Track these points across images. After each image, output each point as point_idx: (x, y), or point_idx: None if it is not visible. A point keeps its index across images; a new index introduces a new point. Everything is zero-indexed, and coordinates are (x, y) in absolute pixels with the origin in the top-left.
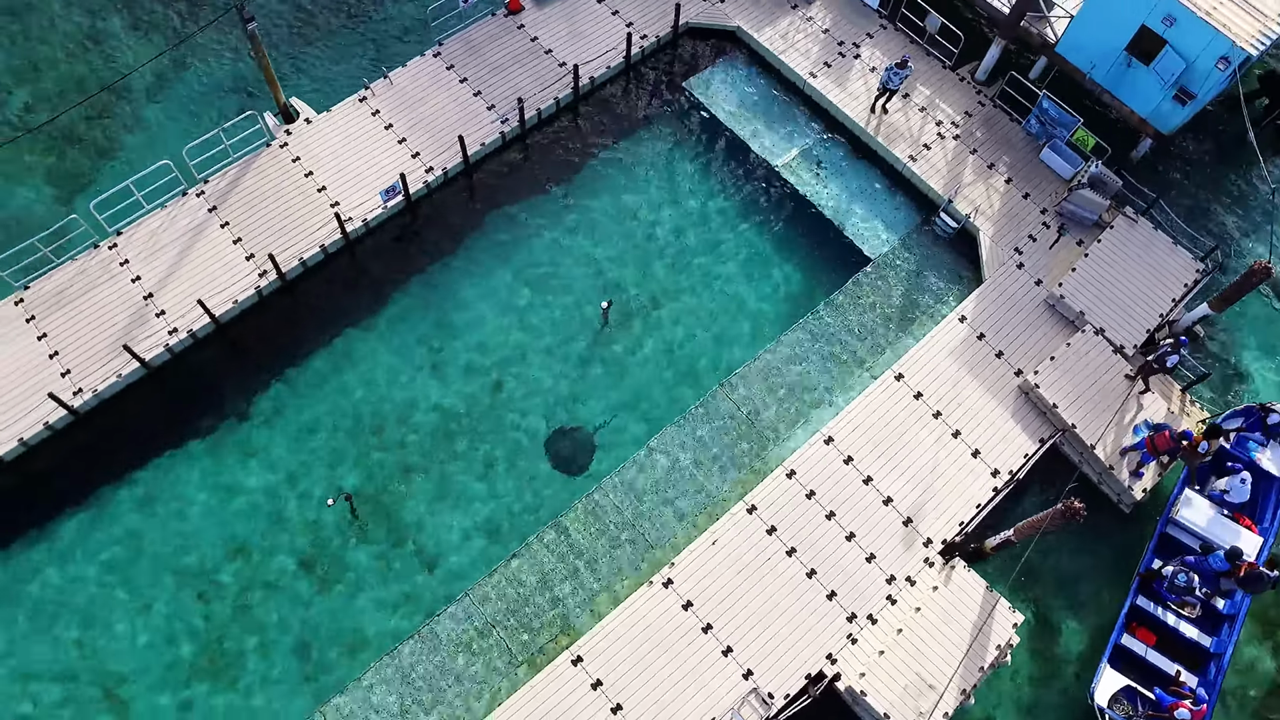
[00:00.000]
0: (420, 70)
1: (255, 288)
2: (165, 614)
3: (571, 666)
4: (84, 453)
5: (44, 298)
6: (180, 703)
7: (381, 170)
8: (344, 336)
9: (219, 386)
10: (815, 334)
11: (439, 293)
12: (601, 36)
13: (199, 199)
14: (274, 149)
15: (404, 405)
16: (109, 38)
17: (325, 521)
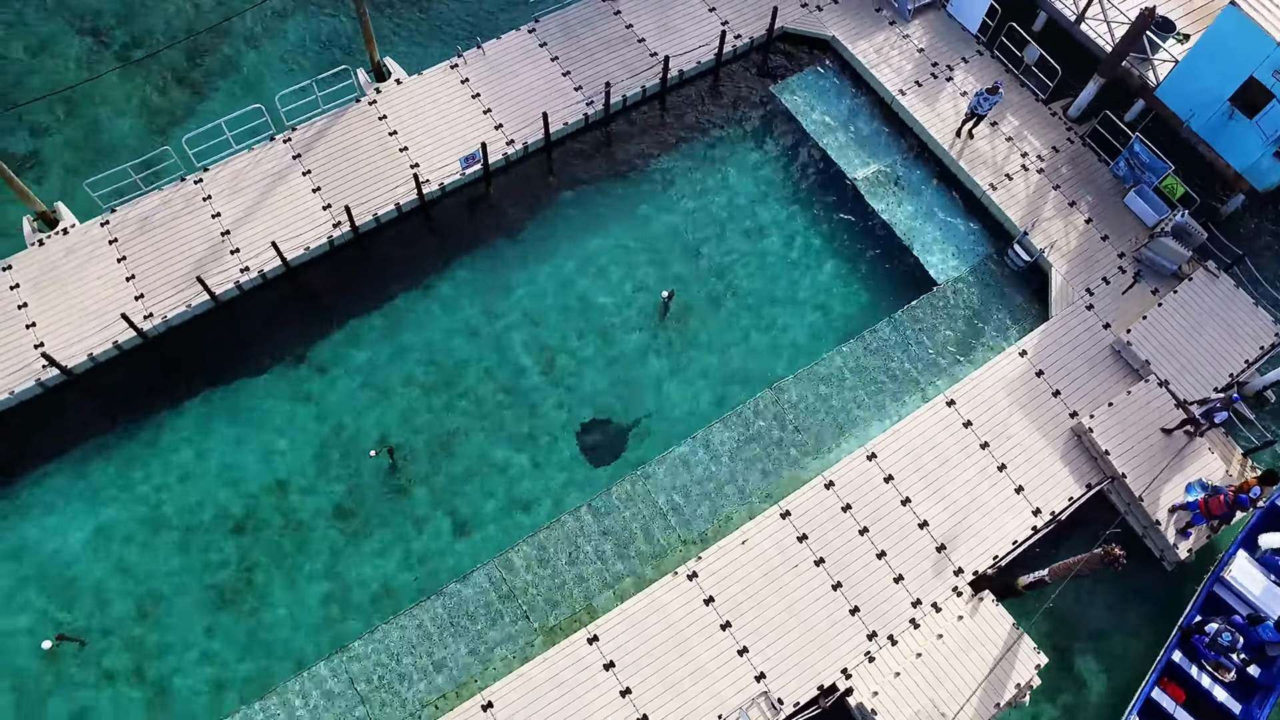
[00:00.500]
0: (513, 44)
1: (328, 237)
2: (202, 542)
3: (587, 644)
4: (147, 376)
5: (128, 223)
6: (206, 627)
7: (464, 137)
8: (407, 295)
9: (281, 329)
10: (871, 350)
11: (505, 264)
12: (696, 32)
13: (285, 145)
14: (362, 105)
15: (456, 369)
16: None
17: (366, 472)
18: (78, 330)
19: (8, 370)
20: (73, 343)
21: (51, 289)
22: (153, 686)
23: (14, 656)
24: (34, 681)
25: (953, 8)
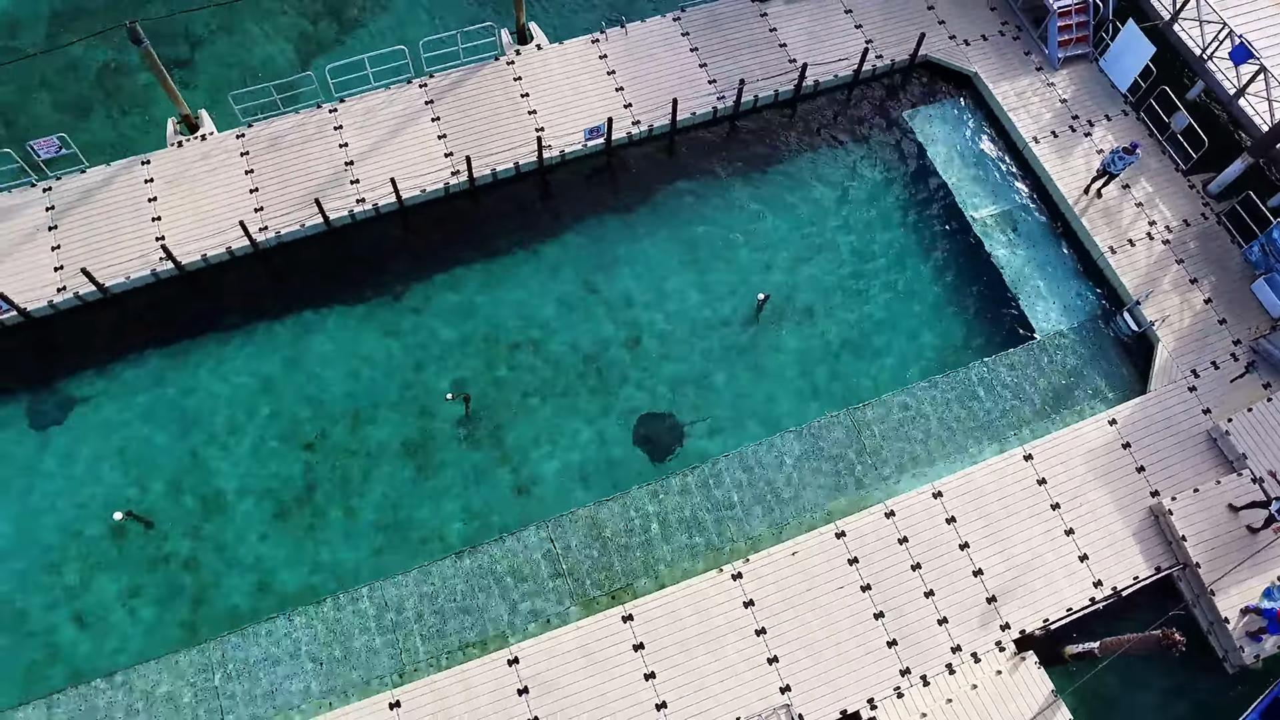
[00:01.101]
0: (656, 29)
1: (444, 184)
2: (274, 451)
3: (621, 622)
4: (251, 284)
5: (261, 139)
6: (261, 533)
7: (592, 111)
8: (510, 254)
9: (385, 263)
10: (959, 389)
11: (610, 239)
12: (839, 45)
13: (420, 90)
14: (500, 64)
15: (544, 333)
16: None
17: (439, 415)
18: (197, 230)
19: (128, 256)
20: (190, 241)
21: (181, 189)
22: (201, 578)
23: (87, 522)
24: (97, 548)
25: (1105, 63)
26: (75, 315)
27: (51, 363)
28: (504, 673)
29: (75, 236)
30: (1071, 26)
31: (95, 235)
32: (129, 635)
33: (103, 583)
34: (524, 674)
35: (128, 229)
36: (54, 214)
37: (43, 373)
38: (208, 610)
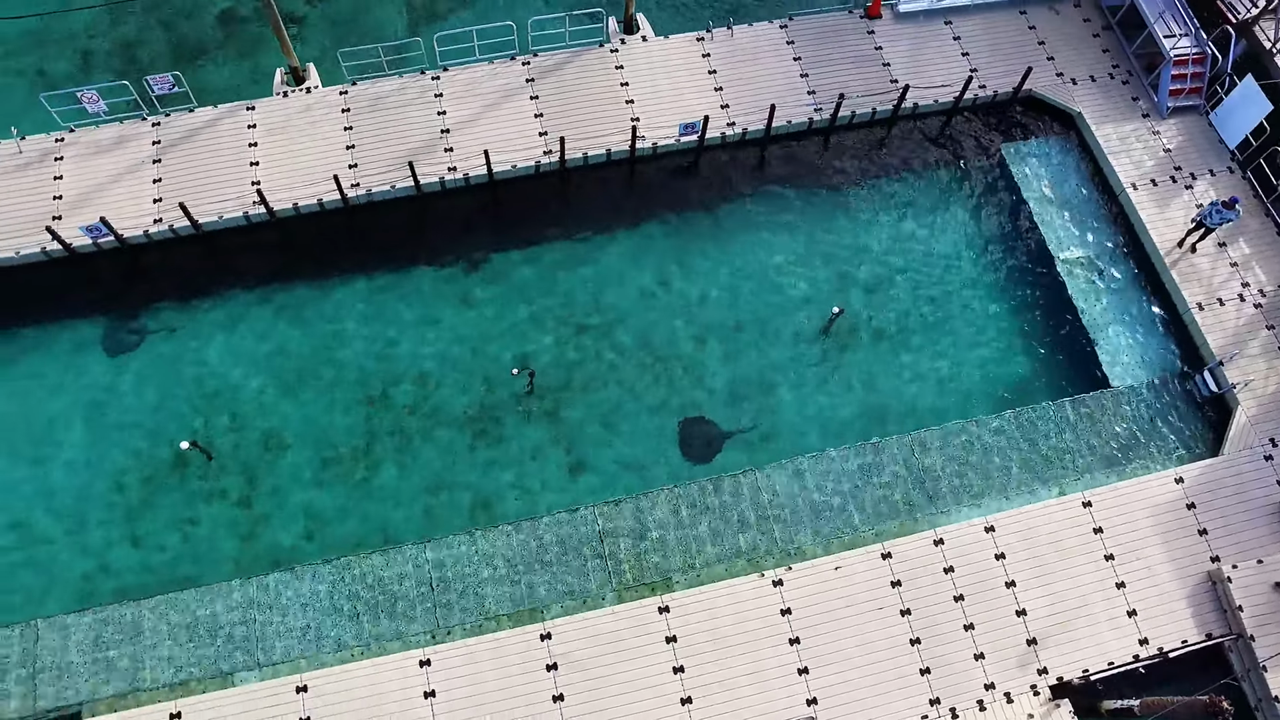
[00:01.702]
0: (762, 34)
1: (536, 162)
2: (338, 402)
3: (657, 613)
4: (336, 238)
5: (364, 98)
6: (316, 479)
7: (689, 107)
8: (591, 238)
9: (467, 232)
10: (1024, 428)
11: (692, 237)
12: (943, 70)
13: (523, 67)
14: (604, 51)
15: (615, 320)
16: None
17: (502, 388)
18: (292, 179)
19: (224, 197)
20: (284, 189)
21: (281, 137)
22: (252, 516)
23: (155, 447)
24: (159, 473)
25: (1216, 117)
26: (167, 247)
27: (137, 290)
28: (536, 647)
29: (176, 172)
30: (1186, 76)
31: (195, 173)
32: (178, 560)
33: (160, 507)
34: (555, 650)
35: (227, 170)
36: (160, 148)
37: (128, 299)
38: (255, 547)
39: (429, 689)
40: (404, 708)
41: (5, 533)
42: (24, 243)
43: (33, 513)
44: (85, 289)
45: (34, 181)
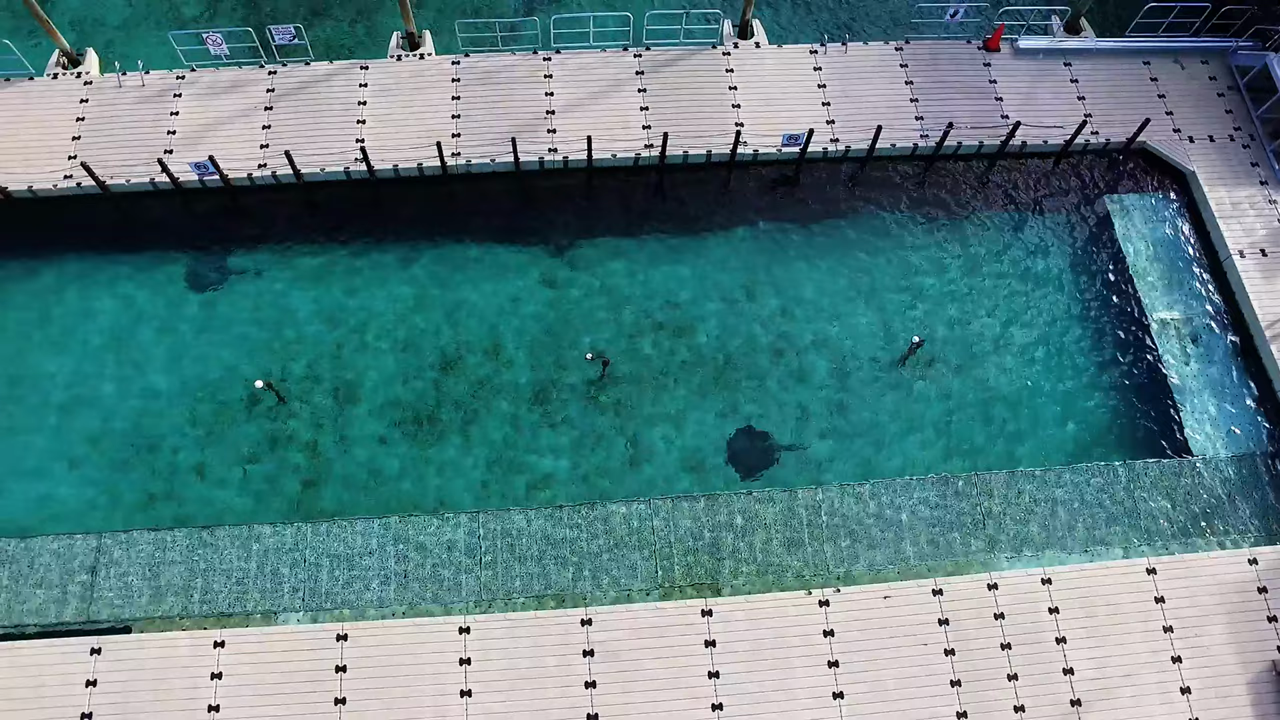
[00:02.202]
0: (876, 54)
1: (636, 154)
2: (413, 365)
3: (699, 615)
4: (431, 203)
5: (475, 70)
6: (380, 436)
7: (794, 118)
8: (681, 235)
9: (556, 214)
10: (1096, 485)
11: (781, 248)
12: (1056, 111)
13: (634, 59)
14: (716, 53)
15: (693, 322)
16: None
17: (574, 371)
18: (396, 141)
19: (329, 150)
20: (387, 150)
21: (390, 100)
22: (316, 463)
23: (230, 383)
24: (232, 409)
25: None
26: (266, 192)
27: (233, 230)
28: (575, 631)
29: (286, 121)
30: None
31: (304, 124)
32: (239, 495)
33: (228, 442)
34: (594, 638)
35: (334, 126)
36: (273, 96)
37: (222, 237)
38: (314, 493)
39: (465, 656)
40: (439, 670)
41: (82, 444)
42: (135, 172)
43: (109, 430)
44: (185, 222)
45: (152, 115)
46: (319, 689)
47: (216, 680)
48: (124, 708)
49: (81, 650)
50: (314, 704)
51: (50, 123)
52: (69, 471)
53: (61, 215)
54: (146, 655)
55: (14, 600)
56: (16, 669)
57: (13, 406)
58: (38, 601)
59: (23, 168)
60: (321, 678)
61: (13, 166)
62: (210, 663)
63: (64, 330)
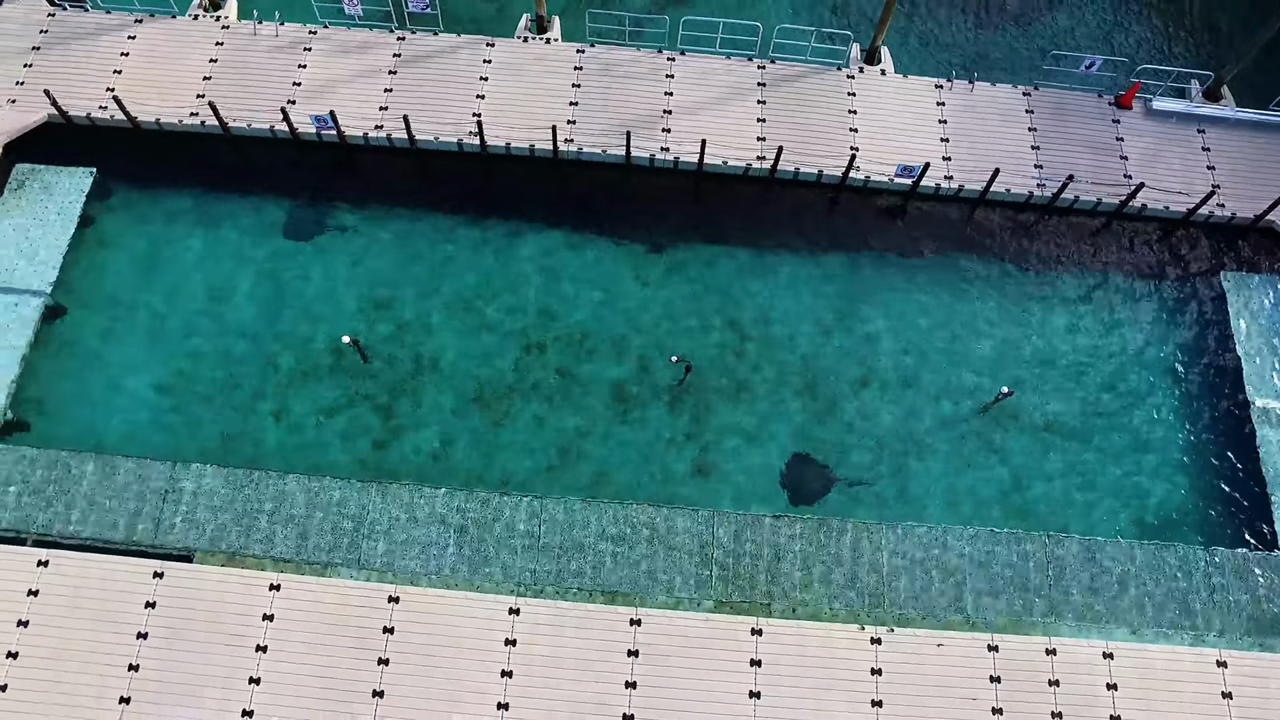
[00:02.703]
0: (1002, 96)
1: (747, 164)
2: (497, 341)
3: (749, 633)
4: (540, 185)
5: (598, 61)
6: (456, 408)
7: (911, 150)
8: (780, 251)
9: (661, 214)
10: (1173, 566)
11: (880, 276)
12: (1183, 176)
13: (757, 70)
14: (841, 75)
15: (781, 339)
16: None
17: (656, 370)
18: (511, 120)
19: (446, 120)
20: (502, 128)
21: (510, 79)
22: (389, 425)
23: (316, 336)
24: (315, 360)
25: None
26: (379, 154)
27: (342, 187)
28: (623, 629)
29: (407, 88)
30: None
31: (424, 93)
32: (310, 446)
33: (308, 392)
34: (641, 639)
35: (454, 97)
36: (398, 62)
37: (330, 192)
38: (383, 454)
39: (511, 637)
40: (484, 647)
41: (168, 373)
42: (258, 118)
43: (196, 363)
44: (297, 172)
45: (281, 65)
46: (365, 646)
47: (268, 622)
48: (177, 634)
49: (145, 572)
50: (358, 660)
51: (185, 61)
52: (154, 396)
53: (182, 150)
54: (205, 586)
55: (89, 513)
56: (85, 579)
57: (112, 326)
58: (110, 518)
59: (154, 101)
60: (369, 636)
61: (145, 99)
62: (264, 604)
63: (168, 260)
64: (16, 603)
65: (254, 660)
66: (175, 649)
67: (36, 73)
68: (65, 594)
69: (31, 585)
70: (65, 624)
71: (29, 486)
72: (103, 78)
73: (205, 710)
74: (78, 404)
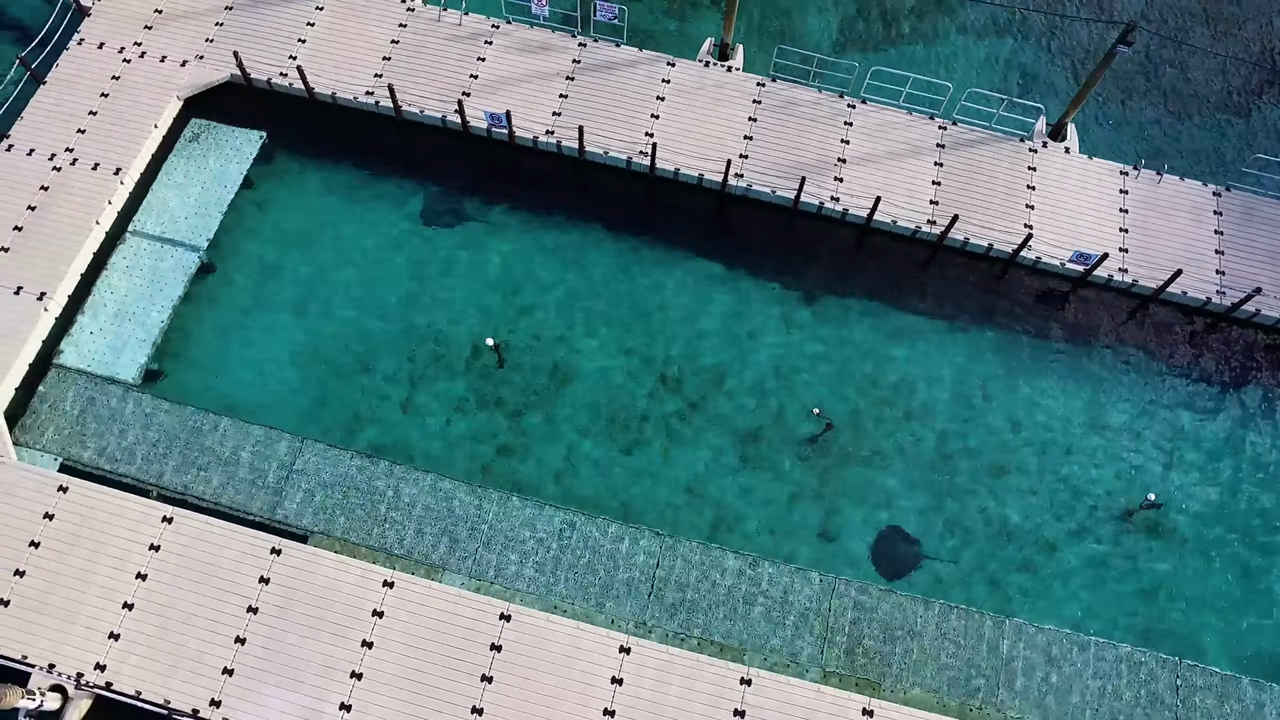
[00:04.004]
0: (1189, 192)
1: (916, 226)
2: (635, 368)
3: (859, 713)
4: (701, 216)
5: (778, 96)
6: (585, 427)
7: (1087, 237)
8: (937, 318)
9: (817, 261)
10: None
11: (1035, 361)
12: None
13: (937, 130)
14: (1023, 147)
15: (923, 409)
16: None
17: (792, 421)
18: (684, 146)
19: (618, 137)
20: (674, 153)
21: (684, 104)
22: (516, 433)
23: (455, 332)
24: (452, 356)
25: None
26: (546, 159)
27: (504, 187)
28: (732, 687)
29: (583, 96)
30: None
31: (598, 104)
32: (434, 441)
33: (440, 387)
34: (749, 699)
35: (628, 113)
36: (577, 68)
37: (493, 191)
38: (506, 462)
39: (619, 675)
40: (590, 682)
41: (307, 348)
42: (431, 105)
43: (332, 341)
44: (462, 166)
45: (460, 55)
46: (469, 660)
47: (377, 618)
48: (284, 613)
49: (264, 547)
50: (461, 673)
51: (366, 38)
52: (288, 366)
53: (349, 125)
54: (319, 571)
55: (212, 475)
56: (204, 543)
57: (258, 291)
58: (234, 484)
59: (331, 73)
60: (475, 650)
61: (322, 70)
62: (375, 599)
63: (319, 233)
64: (139, 555)
65: (358, 655)
66: (283, 629)
67: (226, 32)
68: (184, 554)
69: (154, 540)
70: (181, 584)
71: (161, 439)
72: (287, 45)
73: (303, 695)
74: (215, 363)
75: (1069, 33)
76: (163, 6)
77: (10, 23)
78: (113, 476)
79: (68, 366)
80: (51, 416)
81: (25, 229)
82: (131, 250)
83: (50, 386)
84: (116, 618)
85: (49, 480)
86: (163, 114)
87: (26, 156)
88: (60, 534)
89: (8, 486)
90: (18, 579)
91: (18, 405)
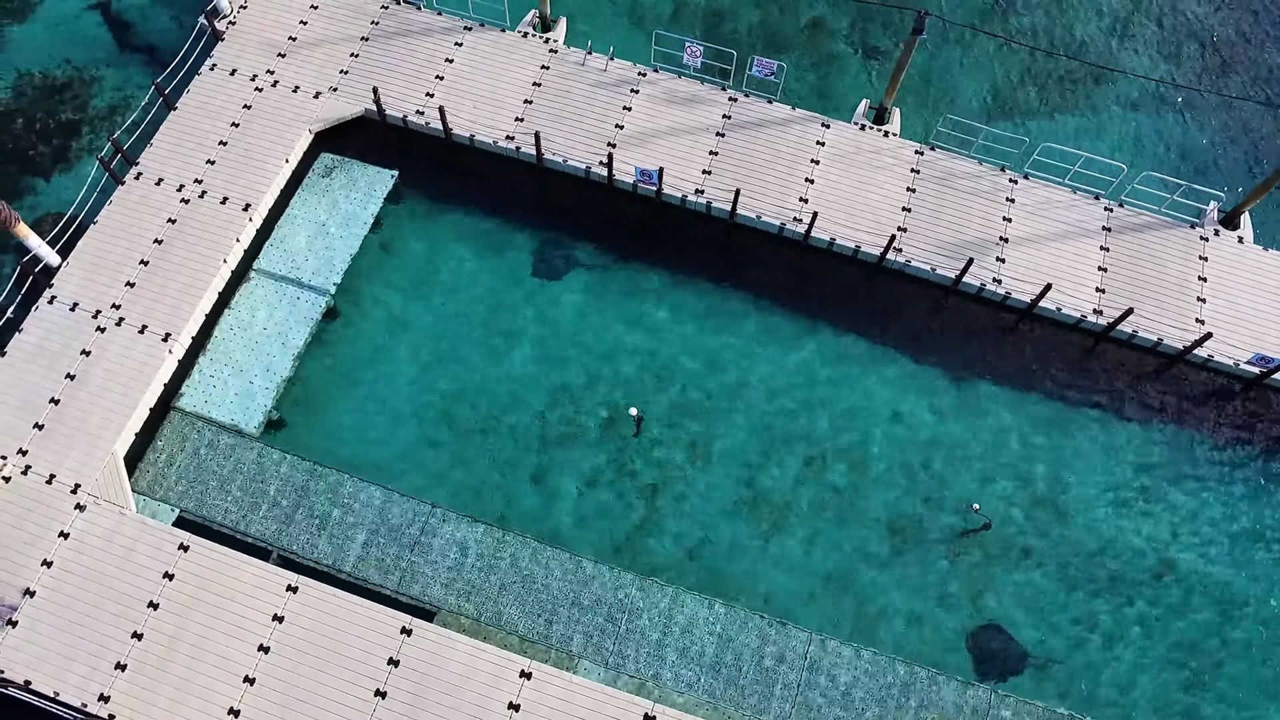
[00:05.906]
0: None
1: (1081, 314)
2: (778, 445)
3: None
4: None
5: (937, 167)
6: (723, 508)
7: (1262, 334)
8: (1082, 411)
9: (978, 345)
10: None
11: (1192, 460)
12: None
13: (1103, 212)
14: (1193, 233)
15: (1072, 504)
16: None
17: (949, 514)
18: (842, 213)
19: (769, 200)
20: (833, 222)
21: (840, 170)
22: (650, 510)
23: (589, 395)
24: (585, 422)
25: None
26: (691, 219)
27: (646, 246)
28: None
29: (735, 154)
30: None
31: (752, 164)
32: (562, 514)
33: (572, 455)
34: None
35: (781, 176)
36: (726, 124)
37: (633, 249)
38: (639, 540)
39: None
40: None
41: (432, 406)
42: (578, 156)
43: (459, 399)
44: (602, 221)
45: (605, 102)
46: None
47: (512, 711)
48: (417, 700)
49: (394, 626)
50: None
51: (507, 78)
52: (412, 424)
53: (484, 169)
54: (453, 655)
55: (332, 539)
56: (331, 616)
57: (383, 341)
58: (356, 550)
59: (469, 113)
60: None
61: (460, 109)
62: (511, 690)
63: (448, 281)
64: (261, 626)
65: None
66: (413, 717)
67: (361, 64)
68: (310, 629)
69: (278, 610)
70: (305, 661)
71: (281, 495)
72: (424, 81)
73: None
74: (337, 415)
75: (1234, 111)
76: (296, 34)
77: (146, 46)
78: (231, 532)
79: (187, 410)
80: (170, 464)
81: (151, 264)
82: (256, 290)
83: (170, 432)
84: (236, 692)
85: (169, 538)
86: (294, 147)
87: (155, 186)
88: (180, 596)
89: (129, 542)
90: (135, 641)
91: (136, 450)
